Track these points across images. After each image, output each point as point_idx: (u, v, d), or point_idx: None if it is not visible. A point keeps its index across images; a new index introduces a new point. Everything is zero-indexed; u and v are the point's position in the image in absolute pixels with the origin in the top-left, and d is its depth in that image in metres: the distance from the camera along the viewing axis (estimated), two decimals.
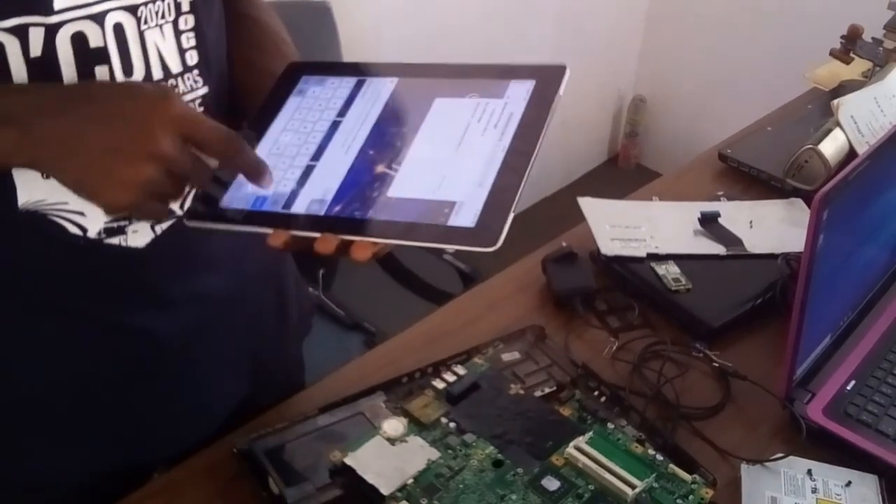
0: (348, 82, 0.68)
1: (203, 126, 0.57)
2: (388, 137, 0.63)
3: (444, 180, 0.59)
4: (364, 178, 0.61)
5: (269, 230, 0.60)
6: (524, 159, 0.57)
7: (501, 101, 0.62)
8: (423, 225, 0.57)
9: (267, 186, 0.62)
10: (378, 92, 0.66)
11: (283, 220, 0.60)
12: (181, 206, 0.66)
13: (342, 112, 0.66)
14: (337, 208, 0.60)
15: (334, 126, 0.65)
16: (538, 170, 0.56)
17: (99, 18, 0.59)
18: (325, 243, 0.58)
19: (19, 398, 0.72)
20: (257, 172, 0.61)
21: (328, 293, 1.44)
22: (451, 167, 0.59)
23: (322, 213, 0.60)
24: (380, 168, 0.61)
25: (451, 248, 0.57)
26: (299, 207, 0.61)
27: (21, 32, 0.56)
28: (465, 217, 0.56)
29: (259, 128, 0.67)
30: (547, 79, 0.62)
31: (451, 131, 0.61)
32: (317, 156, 0.64)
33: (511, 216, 0.55)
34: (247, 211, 0.62)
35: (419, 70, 0.68)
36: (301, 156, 0.64)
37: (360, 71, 0.69)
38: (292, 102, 0.67)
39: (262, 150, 0.65)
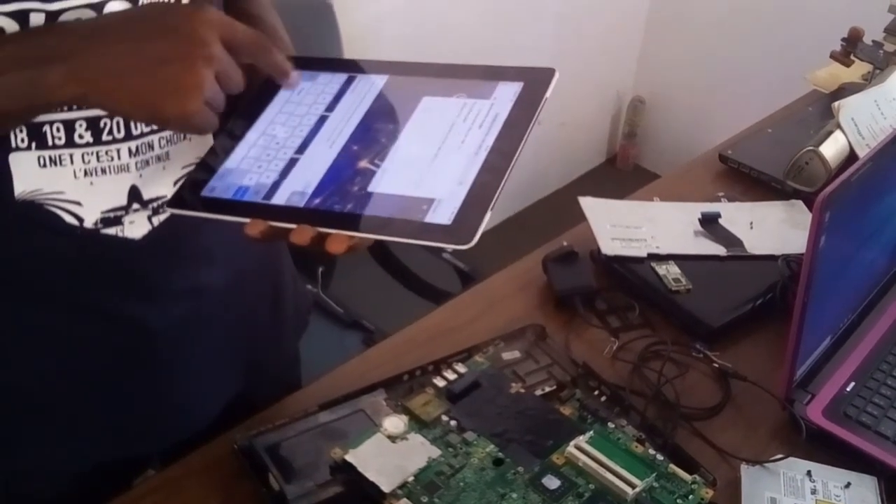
0: (339, 78, 0.68)
1: (238, 28, 0.59)
2: (373, 133, 0.63)
3: (425, 177, 0.59)
4: (346, 173, 0.61)
5: (247, 220, 0.60)
6: (506, 160, 0.58)
7: (488, 102, 0.62)
8: (400, 220, 0.57)
9: (294, 86, 0.66)
10: (367, 88, 0.67)
11: (262, 210, 0.60)
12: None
13: (330, 107, 0.66)
14: (317, 201, 0.60)
15: (321, 120, 0.65)
16: (537, 170, 0.56)
17: (98, 7, 0.59)
18: (301, 234, 0.58)
19: (13, 387, 0.72)
20: (283, 72, 0.64)
21: (327, 291, 1.44)
22: (433, 165, 0.60)
23: (301, 205, 0.60)
24: (363, 163, 0.61)
25: (426, 244, 0.57)
26: (280, 199, 0.61)
27: (21, 17, 0.57)
28: (443, 214, 0.56)
29: (248, 119, 0.67)
30: (535, 81, 0.62)
31: (437, 130, 0.62)
32: (302, 149, 0.64)
33: (489, 215, 0.55)
34: (228, 200, 0.62)
35: (410, 69, 0.68)
36: (286, 148, 0.64)
37: (351, 67, 0.69)
38: (282, 96, 0.67)
39: (249, 141, 0.65)
